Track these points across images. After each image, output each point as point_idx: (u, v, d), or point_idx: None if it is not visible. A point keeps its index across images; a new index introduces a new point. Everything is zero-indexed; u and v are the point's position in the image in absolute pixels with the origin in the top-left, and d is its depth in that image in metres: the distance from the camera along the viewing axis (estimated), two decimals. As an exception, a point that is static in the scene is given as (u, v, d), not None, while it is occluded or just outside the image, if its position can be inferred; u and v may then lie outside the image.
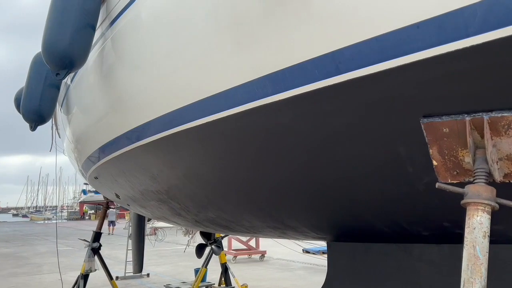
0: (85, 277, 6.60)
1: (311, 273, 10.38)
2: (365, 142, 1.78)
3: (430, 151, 1.57)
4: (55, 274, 10.62)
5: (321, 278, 9.86)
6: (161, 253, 14.90)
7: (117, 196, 4.42)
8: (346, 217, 2.44)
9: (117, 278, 9.30)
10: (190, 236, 15.34)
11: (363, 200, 2.15)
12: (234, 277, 7.82)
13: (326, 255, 11.41)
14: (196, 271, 8.90)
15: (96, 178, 4.48)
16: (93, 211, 54.86)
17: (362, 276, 2.78)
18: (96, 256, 6.72)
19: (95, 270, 6.70)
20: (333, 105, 1.74)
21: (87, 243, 6.73)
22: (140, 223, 8.16)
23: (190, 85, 2.32)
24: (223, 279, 8.03)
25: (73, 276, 9.16)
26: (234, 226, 3.19)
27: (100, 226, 7.03)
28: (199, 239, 15.42)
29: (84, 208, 57.52)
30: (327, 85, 1.67)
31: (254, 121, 2.04)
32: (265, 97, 1.91)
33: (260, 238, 13.82)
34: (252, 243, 13.88)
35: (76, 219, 50.45)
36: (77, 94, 3.99)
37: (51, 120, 6.17)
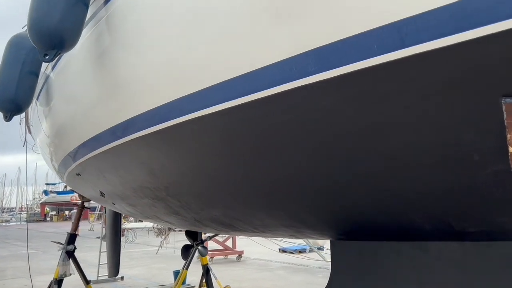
0: (59, 282, 6.13)
1: (290, 273, 10.22)
2: (425, 128, 1.58)
3: (508, 136, 1.40)
4: (19, 279, 9.97)
5: (301, 277, 9.76)
6: (132, 255, 14.36)
7: (102, 194, 4.07)
8: (363, 213, 2.25)
9: (89, 282, 8.81)
10: (163, 237, 14.91)
11: (390, 193, 1.96)
12: (216, 279, 7.54)
13: (303, 254, 11.31)
14: (176, 273, 8.55)
15: (78, 174, 4.11)
16: (54, 213, 52.76)
17: (372, 277, 2.59)
18: (70, 259, 6.26)
19: (70, 274, 6.25)
20: (391, 84, 1.53)
21: (61, 245, 6.27)
22: (116, 223, 7.74)
23: (207, 67, 2.06)
24: (204, 281, 7.72)
25: (41, 280, 8.60)
26: (241, 225, 2.95)
27: (75, 227, 6.58)
28: (173, 240, 15.01)
29: (45, 209, 55.32)
30: (386, 61, 1.47)
31: (286, 105, 1.80)
32: (304, 77, 1.69)
33: (237, 238, 13.56)
34: (228, 243, 13.60)
35: (38, 221, 48.38)
36: (60, 83, 3.63)
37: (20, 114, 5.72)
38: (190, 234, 5.87)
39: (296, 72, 1.70)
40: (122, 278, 9.74)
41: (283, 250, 13.64)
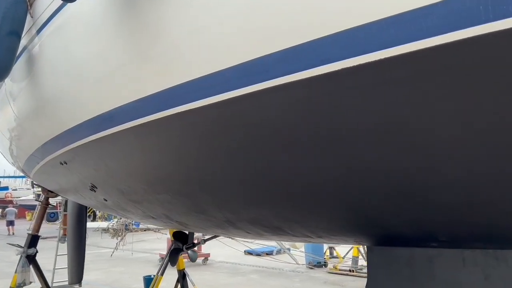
0: (16, 292, 5.20)
1: (265, 277, 9.71)
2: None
3: None
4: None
5: (277, 282, 9.25)
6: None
7: (93, 187, 3.34)
8: (416, 213, 1.83)
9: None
10: (120, 238, 13.89)
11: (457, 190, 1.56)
12: (193, 285, 6.89)
13: (270, 256, 10.81)
14: (148, 279, 7.77)
15: (64, 163, 3.35)
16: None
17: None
18: (31, 265, 5.34)
19: (30, 282, 5.33)
20: None
21: (21, 249, 5.32)
22: (80, 223, 6.84)
23: (299, 20, 1.50)
24: (179, 287, 7.04)
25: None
26: (295, 227, 2.40)
27: (38, 227, 5.64)
28: (129, 240, 13.98)
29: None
30: None
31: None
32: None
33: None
34: (193, 245, 12.83)
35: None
36: (52, 48, 2.89)
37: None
38: (178, 236, 5.18)
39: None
40: (80, 284, 8.74)
41: (249, 252, 13.14)
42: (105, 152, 2.78)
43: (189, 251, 5.28)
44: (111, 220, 19.22)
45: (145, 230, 18.48)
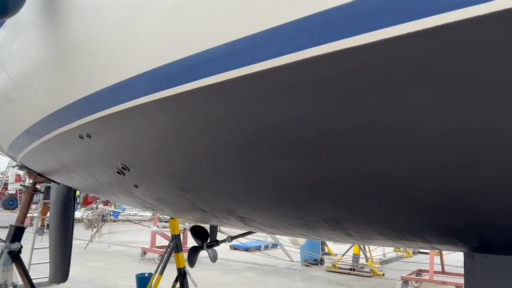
0: (-4, 295, 4.31)
1: (261, 275, 9.06)
2: None
3: None
4: None
5: (277, 281, 8.57)
6: (56, 250, 12.10)
7: (124, 168, 2.57)
8: None
9: (15, 287, 6.80)
10: (95, 230, 12.86)
11: None
12: (195, 286, 6.16)
13: (259, 252, 10.16)
14: (141, 279, 6.96)
15: (86, 136, 2.55)
16: None
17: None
18: (14, 263, 4.45)
19: (13, 284, 4.44)
20: None
21: (2, 243, 4.42)
22: (66, 212, 5.89)
23: None
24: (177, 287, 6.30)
25: None
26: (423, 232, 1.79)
27: (23, 217, 4.73)
28: (105, 230, 12.97)
29: None
30: None
31: None
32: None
33: (188, 234, 12.03)
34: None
35: None
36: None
37: None
38: (196, 232, 4.45)
39: None
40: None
41: (235, 247, 12.49)
42: (160, 121, 2.03)
43: (209, 250, 4.56)
44: (78, 210, 17.97)
45: (114, 221, 17.42)
